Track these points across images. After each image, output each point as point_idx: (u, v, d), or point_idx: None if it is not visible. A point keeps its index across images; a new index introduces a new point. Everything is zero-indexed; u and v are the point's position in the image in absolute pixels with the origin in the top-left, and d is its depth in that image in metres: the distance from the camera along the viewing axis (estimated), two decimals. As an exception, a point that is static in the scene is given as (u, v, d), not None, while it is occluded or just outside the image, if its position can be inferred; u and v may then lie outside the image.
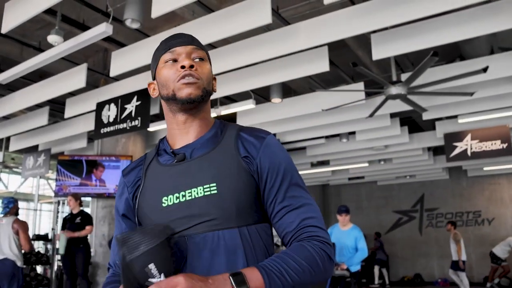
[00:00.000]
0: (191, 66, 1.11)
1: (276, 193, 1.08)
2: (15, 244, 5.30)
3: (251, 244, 1.05)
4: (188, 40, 1.17)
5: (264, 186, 1.08)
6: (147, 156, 1.23)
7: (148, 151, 1.27)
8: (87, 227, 6.55)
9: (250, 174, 1.08)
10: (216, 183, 1.05)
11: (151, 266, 0.87)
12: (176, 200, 1.07)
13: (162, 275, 0.88)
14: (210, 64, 1.20)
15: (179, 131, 1.16)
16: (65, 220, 6.91)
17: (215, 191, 1.04)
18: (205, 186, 1.05)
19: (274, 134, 7.61)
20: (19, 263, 5.24)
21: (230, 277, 0.89)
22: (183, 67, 1.10)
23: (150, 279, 0.87)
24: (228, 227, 1.03)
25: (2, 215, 5.44)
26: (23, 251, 5.50)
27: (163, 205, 1.08)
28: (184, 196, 1.06)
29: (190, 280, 0.85)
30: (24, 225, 5.47)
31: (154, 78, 1.21)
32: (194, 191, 1.05)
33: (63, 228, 6.82)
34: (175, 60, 1.14)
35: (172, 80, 1.11)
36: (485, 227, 13.27)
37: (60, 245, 7.62)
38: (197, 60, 1.14)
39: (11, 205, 5.45)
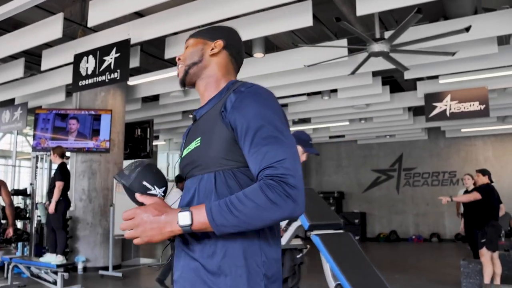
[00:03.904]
0: (179, 59, 1.45)
1: (244, 143, 1.19)
2: None
3: (226, 185, 1.22)
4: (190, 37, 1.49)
5: (236, 136, 1.22)
6: None
7: None
8: (56, 185, 6.03)
9: (225, 127, 1.23)
10: (201, 137, 1.28)
11: (144, 182, 1.28)
12: (186, 152, 1.33)
13: (155, 186, 1.30)
14: (203, 41, 1.43)
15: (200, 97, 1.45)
16: None
17: (199, 143, 1.27)
18: (196, 141, 1.28)
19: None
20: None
21: (179, 213, 1.11)
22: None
23: (148, 192, 1.28)
24: (207, 172, 1.25)
25: None
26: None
27: (182, 155, 1.36)
28: (187, 149, 1.32)
29: (145, 213, 1.13)
30: (5, 183, 5.54)
31: None
32: (191, 145, 1.30)
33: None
34: None
35: None
36: (460, 187, 13.60)
37: (41, 214, 7.61)
38: (185, 49, 1.46)
39: None
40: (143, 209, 1.14)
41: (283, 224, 3.10)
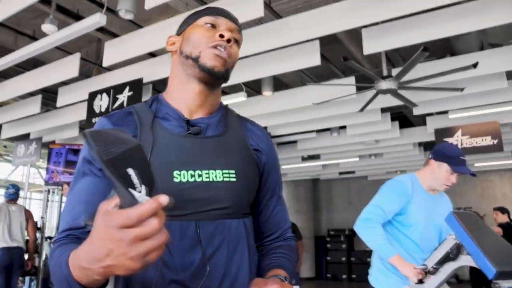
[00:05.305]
0: (228, 41, 1.05)
1: (273, 192, 1.13)
2: (23, 232, 5.48)
3: (251, 235, 1.07)
4: (233, 18, 1.12)
5: (265, 183, 1.10)
6: (138, 112, 1.06)
7: (134, 105, 1.11)
8: None
9: (258, 167, 1.08)
10: (235, 170, 1.01)
11: (130, 171, 0.66)
12: (191, 178, 0.96)
13: (143, 188, 0.66)
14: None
15: (192, 100, 1.07)
16: None
17: (234, 179, 1.00)
18: (224, 171, 0.99)
19: (265, 127, 7.61)
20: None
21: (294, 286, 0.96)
22: (222, 36, 1.04)
23: (130, 189, 0.64)
24: (236, 217, 1.01)
25: (7, 200, 5.57)
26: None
27: (175, 179, 0.95)
28: (200, 175, 0.97)
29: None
30: (32, 215, 5.69)
31: (178, 34, 1.14)
32: (213, 173, 0.98)
33: None
34: (214, 26, 1.07)
35: (205, 43, 1.04)
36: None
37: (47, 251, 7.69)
38: (233, 40, 1.08)
39: (19, 192, 5.57)
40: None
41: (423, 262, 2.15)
